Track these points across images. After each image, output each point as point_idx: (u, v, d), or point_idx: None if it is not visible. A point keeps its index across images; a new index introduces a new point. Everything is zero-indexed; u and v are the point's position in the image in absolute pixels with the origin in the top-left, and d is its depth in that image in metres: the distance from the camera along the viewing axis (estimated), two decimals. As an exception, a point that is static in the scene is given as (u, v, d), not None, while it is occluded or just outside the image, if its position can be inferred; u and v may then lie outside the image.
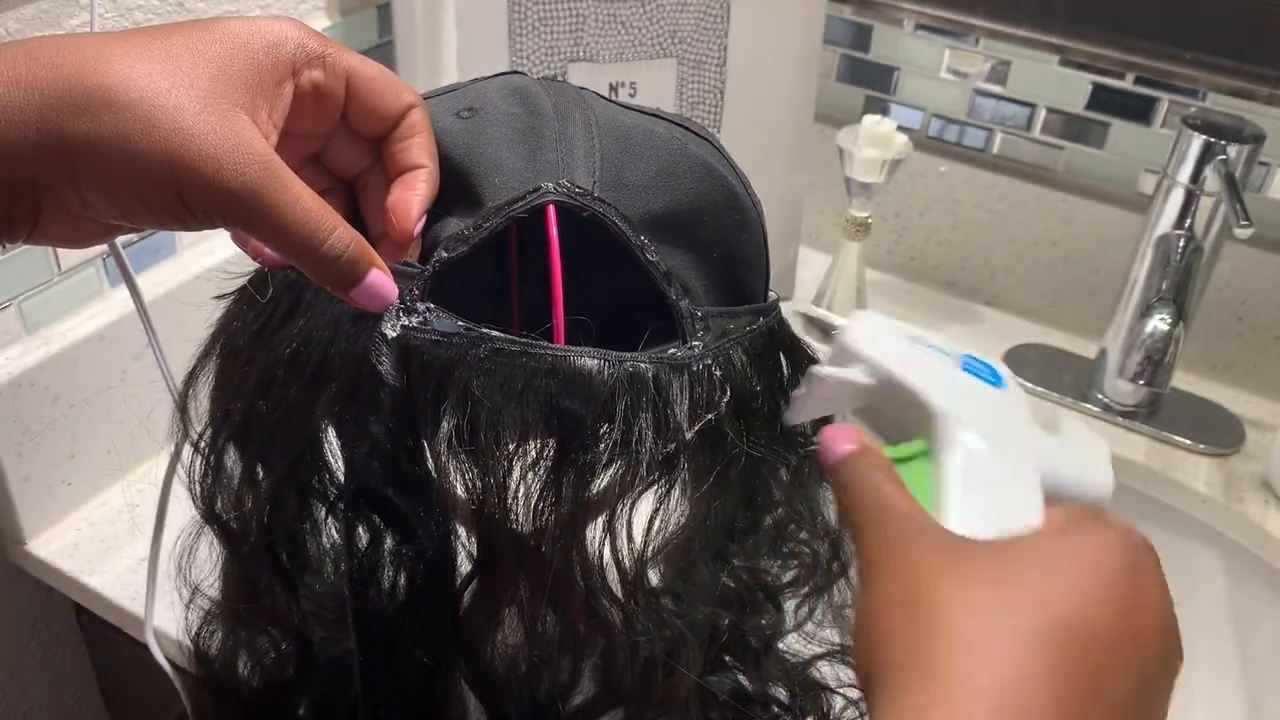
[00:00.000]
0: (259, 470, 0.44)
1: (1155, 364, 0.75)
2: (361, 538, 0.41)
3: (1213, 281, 0.84)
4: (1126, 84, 0.87)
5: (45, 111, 0.33)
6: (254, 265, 0.43)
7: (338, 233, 0.36)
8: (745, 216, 0.46)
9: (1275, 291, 0.86)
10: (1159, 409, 0.86)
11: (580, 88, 0.46)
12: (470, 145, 0.42)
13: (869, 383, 0.38)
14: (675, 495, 0.42)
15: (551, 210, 0.40)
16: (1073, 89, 0.90)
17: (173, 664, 0.65)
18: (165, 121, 0.33)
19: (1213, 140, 0.76)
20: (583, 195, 0.40)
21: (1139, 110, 0.88)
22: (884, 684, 0.30)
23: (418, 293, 0.39)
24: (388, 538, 0.41)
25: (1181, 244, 0.78)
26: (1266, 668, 0.80)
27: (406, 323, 0.38)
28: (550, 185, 0.40)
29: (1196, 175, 0.77)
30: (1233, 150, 0.75)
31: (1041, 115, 0.92)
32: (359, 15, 0.88)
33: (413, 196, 0.40)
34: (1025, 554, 0.31)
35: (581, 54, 0.84)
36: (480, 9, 0.81)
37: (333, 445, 0.42)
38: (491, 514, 0.39)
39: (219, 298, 0.46)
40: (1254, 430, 0.86)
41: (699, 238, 0.43)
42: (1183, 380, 0.90)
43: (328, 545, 0.45)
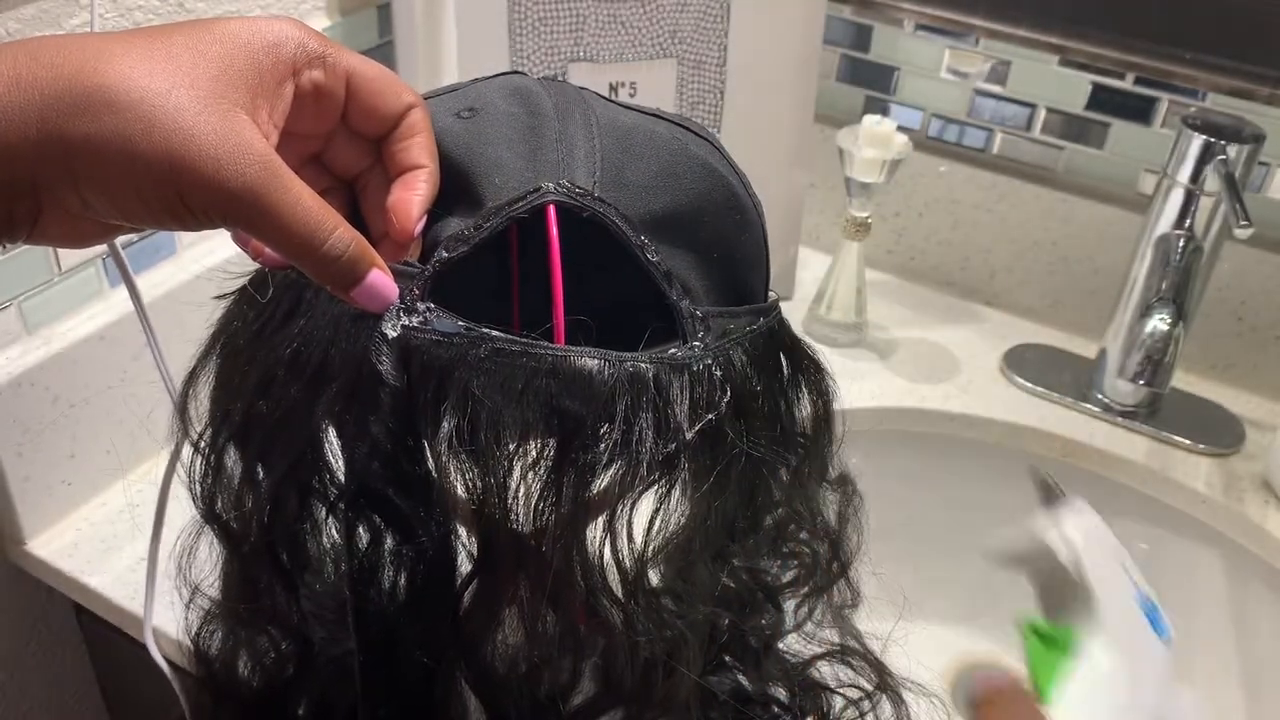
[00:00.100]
0: (259, 470, 0.44)
1: (1155, 364, 0.75)
2: (362, 538, 0.41)
3: (1213, 281, 0.84)
4: (1126, 84, 0.87)
5: (45, 112, 0.33)
6: (254, 265, 0.43)
7: (338, 233, 0.36)
8: (745, 217, 0.46)
9: (1275, 291, 0.86)
10: (1159, 409, 0.86)
11: (581, 88, 0.46)
12: (471, 145, 0.42)
13: (1064, 555, 0.45)
14: (675, 495, 0.42)
15: (552, 210, 0.40)
16: (1072, 89, 0.90)
17: (171, 664, 0.65)
18: (166, 122, 0.33)
19: (1213, 140, 0.76)
20: (583, 195, 0.40)
21: (1139, 110, 0.88)
22: None
23: (418, 293, 0.39)
24: (388, 538, 0.41)
25: (1181, 244, 0.78)
26: (1266, 668, 0.80)
27: (407, 323, 0.38)
28: (551, 185, 0.40)
29: (1196, 175, 0.77)
30: (1232, 150, 0.75)
31: (1041, 115, 0.92)
32: (359, 15, 0.88)
33: (413, 196, 0.40)
34: None
35: (581, 54, 0.84)
36: (480, 9, 0.81)
37: (333, 445, 0.42)
38: (492, 514, 0.39)
39: (219, 298, 0.46)
40: (1254, 430, 0.86)
41: (699, 238, 0.43)
42: (1183, 380, 0.90)
43: (328, 545, 0.45)
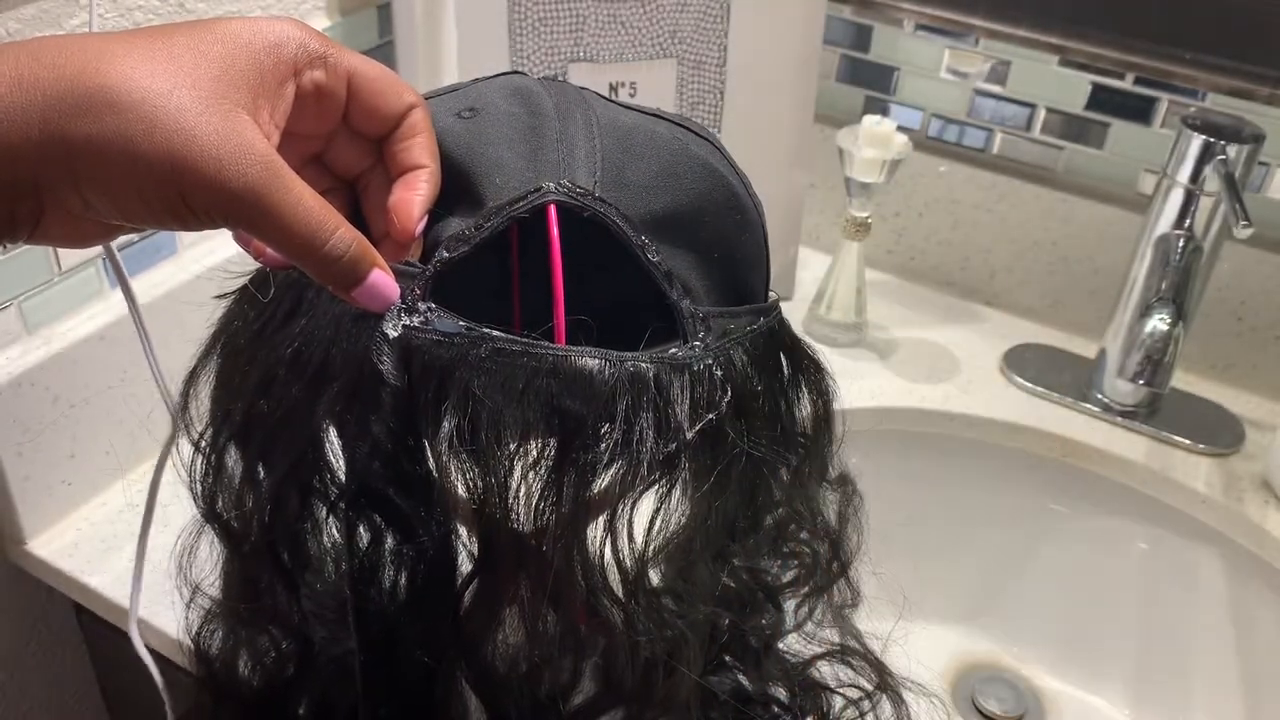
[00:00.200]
0: (260, 469, 0.44)
1: (1155, 364, 0.75)
2: (362, 537, 0.41)
3: (1212, 281, 0.84)
4: (1126, 84, 0.87)
5: (47, 112, 0.33)
6: (255, 265, 0.43)
7: (339, 233, 0.36)
8: (746, 217, 0.46)
9: (1275, 291, 0.86)
10: (1159, 409, 0.86)
11: (581, 88, 0.46)
12: (471, 145, 0.42)
13: None
14: (676, 495, 0.42)
15: (552, 210, 0.40)
16: (1072, 89, 0.90)
17: (154, 654, 0.65)
18: (167, 122, 0.33)
19: (1212, 140, 0.76)
20: (584, 195, 0.40)
21: (1139, 110, 0.88)
22: None
23: (419, 292, 0.39)
24: (389, 537, 0.41)
25: (1181, 244, 0.78)
26: (1266, 668, 0.80)
27: (408, 322, 0.38)
28: (551, 185, 0.40)
29: (1196, 175, 0.77)
30: (1232, 150, 0.75)
31: (1041, 115, 0.92)
32: (359, 15, 0.88)
33: (414, 196, 0.40)
34: None
35: (581, 54, 0.84)
36: (480, 9, 0.81)
37: (334, 445, 0.42)
38: (492, 513, 0.39)
39: (220, 297, 0.46)
40: (1254, 430, 0.86)
41: (700, 238, 0.43)
42: (1182, 380, 0.90)
43: (328, 545, 0.45)
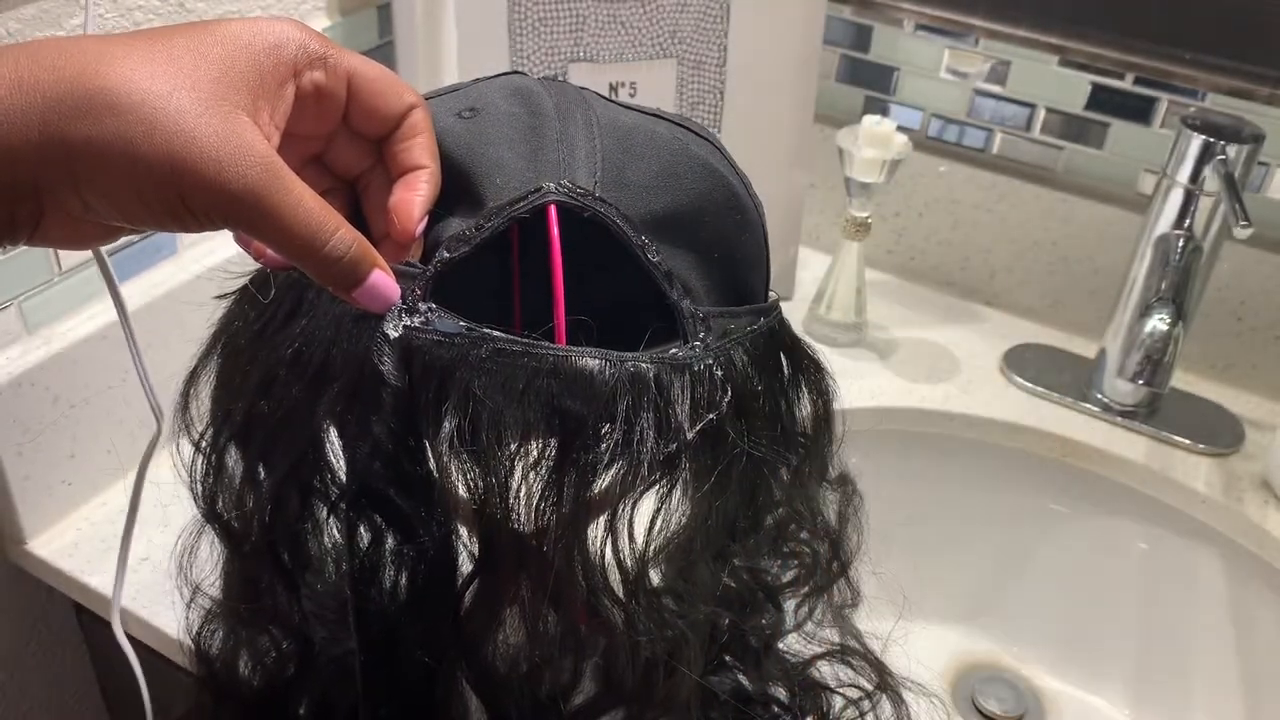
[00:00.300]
0: (260, 470, 0.44)
1: (1155, 364, 0.75)
2: (363, 537, 0.41)
3: (1212, 281, 0.84)
4: (1126, 84, 0.87)
5: (47, 114, 0.33)
6: (255, 265, 0.43)
7: (340, 234, 0.36)
8: (746, 217, 0.46)
9: (1275, 291, 0.86)
10: (1158, 409, 0.86)
11: (581, 88, 0.46)
12: (472, 145, 0.42)
13: None
14: (676, 495, 0.42)
15: (553, 210, 0.40)
16: (1072, 89, 0.90)
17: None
18: (167, 124, 0.33)
19: (1212, 140, 0.76)
20: (584, 195, 0.40)
21: (1138, 110, 0.88)
22: None
23: (420, 293, 0.39)
24: (389, 537, 0.41)
25: (1181, 244, 0.78)
26: (1266, 668, 0.80)
27: (408, 323, 0.38)
28: (551, 185, 0.40)
29: (1196, 175, 0.77)
30: (1232, 150, 0.75)
31: (1041, 115, 0.92)
32: (359, 15, 0.88)
33: (414, 197, 0.40)
34: None
35: (581, 54, 0.84)
36: (480, 9, 0.81)
37: (334, 445, 0.42)
38: (493, 514, 0.39)
39: (220, 297, 0.46)
40: (1254, 430, 0.86)
41: (700, 238, 0.43)
42: (1182, 380, 0.90)
43: (329, 545, 0.45)
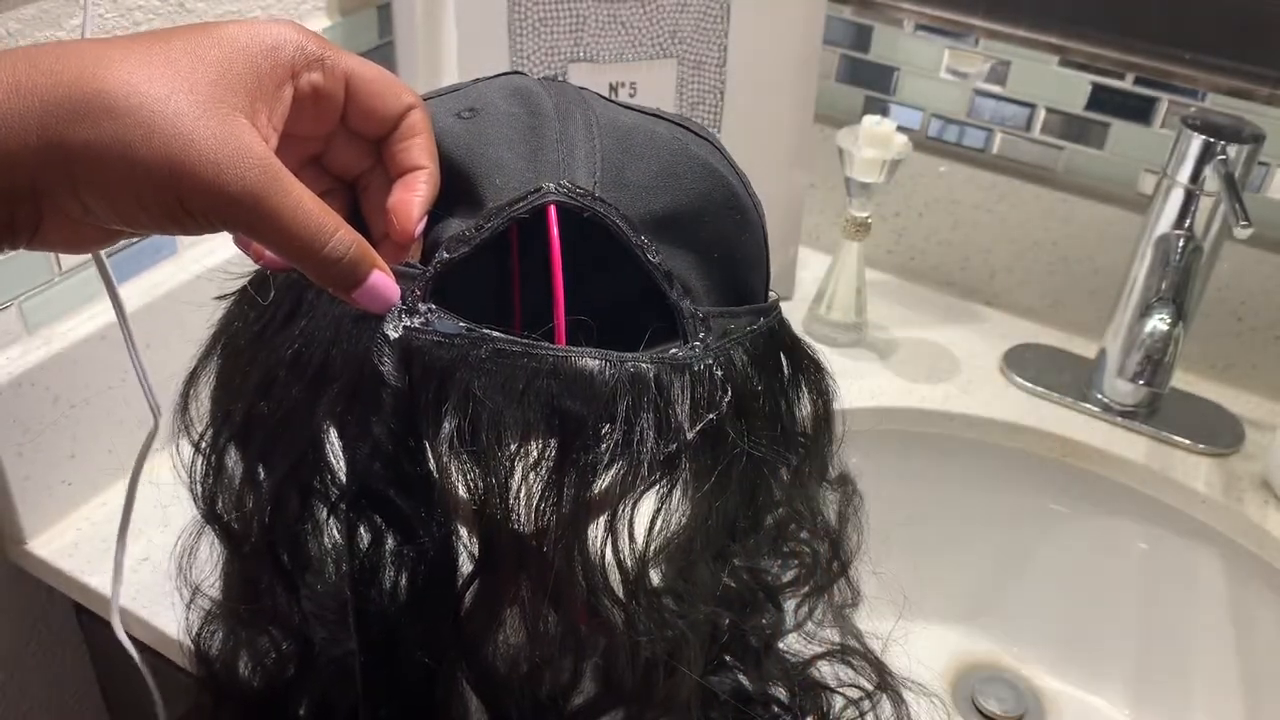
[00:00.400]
0: (260, 470, 0.44)
1: (1155, 364, 0.75)
2: (363, 538, 0.41)
3: (1212, 281, 0.84)
4: (1126, 84, 0.87)
5: (45, 118, 0.33)
6: (255, 266, 0.43)
7: (339, 235, 0.36)
8: (746, 217, 0.46)
9: (1275, 291, 0.86)
10: (1159, 409, 0.86)
11: (581, 88, 0.46)
12: (471, 146, 0.42)
13: None
14: (677, 495, 0.42)
15: (552, 211, 0.40)
16: (1072, 89, 0.90)
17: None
18: (165, 127, 0.33)
19: (1212, 140, 0.76)
20: (584, 196, 0.40)
21: (1139, 110, 0.88)
22: None
23: (419, 294, 0.39)
24: (389, 538, 0.41)
25: (1181, 244, 0.78)
26: (1266, 668, 0.80)
27: (408, 324, 0.38)
28: (551, 186, 0.40)
29: (1196, 175, 0.77)
30: (1232, 150, 0.75)
31: (1041, 115, 0.92)
32: (359, 15, 0.88)
33: (413, 198, 0.40)
34: None
35: (581, 54, 0.84)
36: (480, 9, 0.81)
37: (334, 446, 0.42)
38: (493, 514, 0.39)
39: (220, 298, 0.46)
40: (1254, 430, 0.86)
41: (700, 238, 0.43)
42: (1182, 380, 0.90)
43: (329, 545, 0.45)
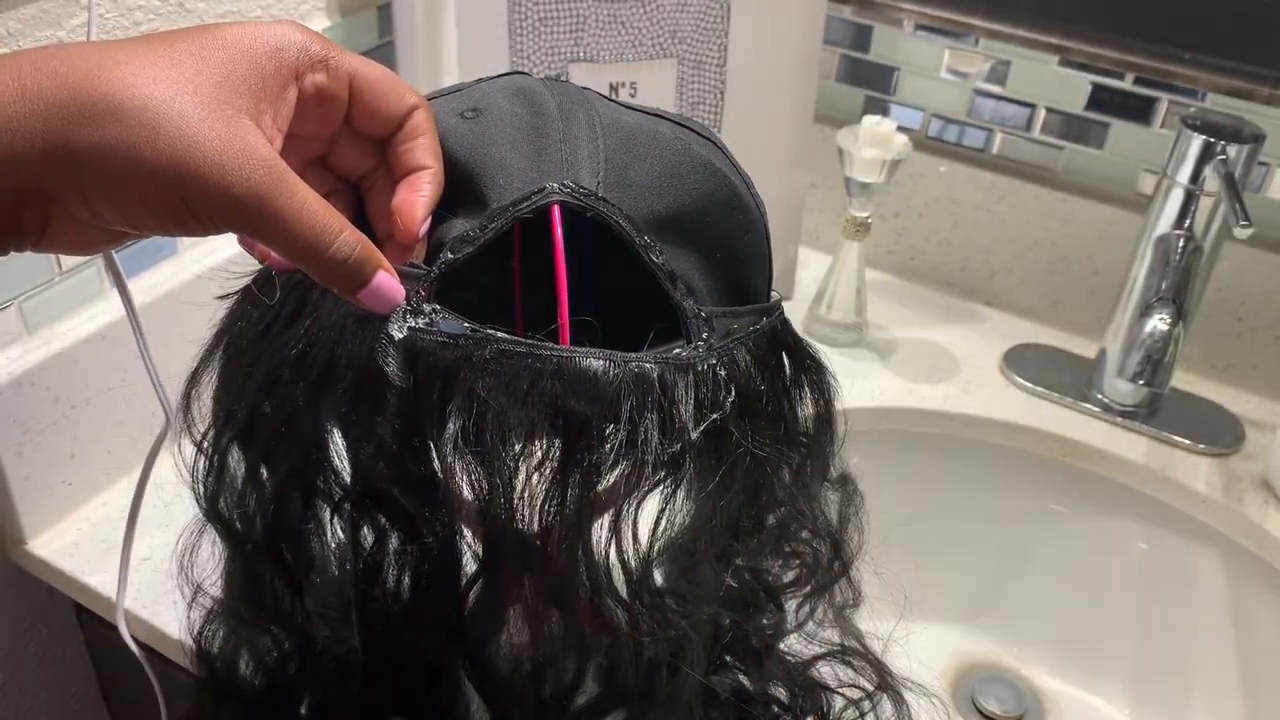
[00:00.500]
0: (263, 470, 0.44)
1: (1155, 364, 0.75)
2: (366, 538, 0.41)
3: (1212, 281, 0.84)
4: (1126, 84, 0.88)
5: (51, 121, 0.33)
6: (257, 265, 0.43)
7: (344, 236, 0.36)
8: (748, 217, 0.46)
9: (1275, 291, 0.86)
10: (1159, 409, 0.86)
11: (583, 88, 0.46)
12: (475, 146, 0.42)
13: None
14: (680, 495, 0.42)
15: (556, 211, 0.40)
16: (1072, 89, 0.90)
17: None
18: (170, 129, 0.33)
19: (1212, 140, 0.76)
20: (587, 196, 0.40)
21: (1138, 110, 0.88)
22: None
23: (424, 294, 0.39)
24: (393, 538, 0.41)
25: (1181, 244, 0.78)
26: (1266, 668, 0.80)
27: (413, 324, 0.38)
28: (555, 186, 0.40)
29: (1196, 175, 0.77)
30: (1232, 150, 0.75)
31: (1041, 115, 0.92)
32: (359, 16, 0.87)
33: (417, 198, 0.40)
34: None
35: (582, 54, 0.84)
36: (480, 9, 0.81)
37: (338, 445, 0.42)
38: (497, 514, 0.39)
39: (222, 298, 0.46)
40: (1254, 430, 0.86)
41: (703, 238, 0.43)
42: (1182, 380, 0.90)
43: (332, 545, 0.45)
